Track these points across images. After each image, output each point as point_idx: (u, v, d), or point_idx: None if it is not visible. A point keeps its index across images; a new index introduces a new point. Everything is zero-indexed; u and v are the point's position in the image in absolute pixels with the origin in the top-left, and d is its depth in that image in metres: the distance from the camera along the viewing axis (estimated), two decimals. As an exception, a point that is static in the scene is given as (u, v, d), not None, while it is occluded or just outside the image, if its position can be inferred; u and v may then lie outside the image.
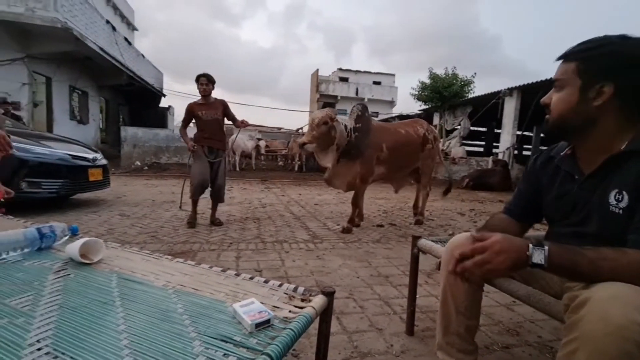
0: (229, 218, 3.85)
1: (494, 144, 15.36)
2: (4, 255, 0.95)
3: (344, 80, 27.07)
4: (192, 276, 0.88)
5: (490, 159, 10.55)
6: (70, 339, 0.58)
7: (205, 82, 3.33)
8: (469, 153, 13.05)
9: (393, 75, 28.84)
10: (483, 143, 18.85)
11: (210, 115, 3.36)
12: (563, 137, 0.93)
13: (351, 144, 3.20)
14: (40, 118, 9.30)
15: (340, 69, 27.86)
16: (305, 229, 3.47)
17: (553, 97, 0.86)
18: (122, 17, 15.91)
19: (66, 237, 1.12)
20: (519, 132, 10.40)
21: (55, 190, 3.69)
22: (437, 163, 4.17)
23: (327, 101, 25.19)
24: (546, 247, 0.71)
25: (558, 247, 0.72)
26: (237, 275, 0.89)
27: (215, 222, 3.49)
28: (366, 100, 26.30)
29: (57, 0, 7.77)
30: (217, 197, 3.51)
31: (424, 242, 1.36)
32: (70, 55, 9.27)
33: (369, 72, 28.15)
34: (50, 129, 9.26)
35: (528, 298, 0.90)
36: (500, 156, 10.43)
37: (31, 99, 8.70)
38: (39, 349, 0.54)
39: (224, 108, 3.43)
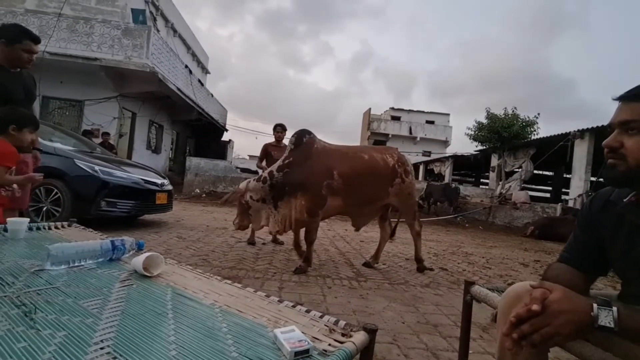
0: (274, 248, 3.93)
1: (563, 189, 13.97)
2: (82, 262, 1.08)
3: (395, 119, 27.22)
4: (238, 298, 0.91)
5: (558, 206, 9.55)
6: (128, 342, 0.63)
7: (280, 130, 4.27)
8: (533, 198, 11.96)
9: (447, 114, 28.36)
10: (549, 188, 17.23)
11: (279, 156, 3.89)
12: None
13: (278, 186, 2.84)
14: (123, 147, 10.68)
15: (392, 108, 28.18)
16: (349, 266, 3.39)
17: (627, 141, 0.76)
18: (198, 62, 18.16)
19: (133, 251, 1.24)
20: (593, 179, 9.37)
21: (127, 210, 4.13)
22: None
23: (378, 139, 25.36)
24: (614, 308, 0.62)
25: (629, 309, 0.63)
26: (280, 302, 0.90)
27: (277, 241, 4.18)
28: (418, 139, 25.98)
29: (149, 49, 9.19)
30: None
31: (478, 290, 1.25)
32: (153, 94, 10.72)
33: (422, 112, 28.02)
34: (129, 156, 10.55)
35: (606, 366, 0.77)
36: (571, 204, 9.40)
37: (118, 131, 10.10)
38: (101, 348, 0.60)
39: None
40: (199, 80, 14.49)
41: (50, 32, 8.83)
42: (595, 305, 0.63)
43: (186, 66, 12.54)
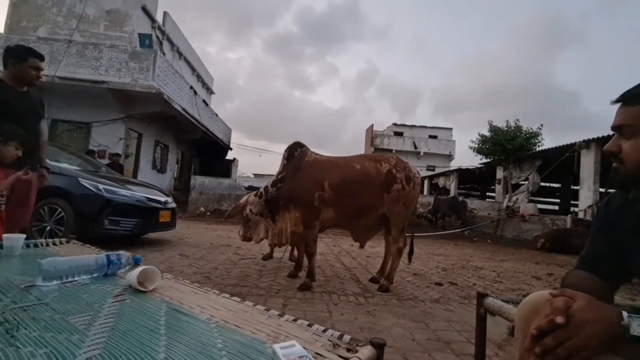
0: (279, 264, 3.84)
1: (572, 201, 13.75)
2: (76, 278, 1.04)
3: (398, 134, 27.34)
4: (236, 312, 0.86)
5: (568, 217, 9.35)
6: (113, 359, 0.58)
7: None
8: (541, 211, 11.75)
9: (450, 129, 28.44)
10: (557, 200, 16.99)
11: None
12: None
13: (273, 200, 2.92)
14: (128, 166, 10.78)
15: (394, 124, 28.33)
16: (355, 281, 3.29)
17: (625, 145, 0.74)
18: (203, 83, 18.57)
19: (129, 266, 1.20)
20: (602, 189, 9.19)
21: (131, 228, 4.09)
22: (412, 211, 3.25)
23: (381, 154, 25.40)
24: None
25: None
26: (280, 316, 0.85)
27: (291, 258, 4.00)
28: (422, 153, 25.98)
29: (155, 72, 9.42)
30: None
31: (492, 302, 1.18)
32: (158, 115, 10.89)
33: (425, 127, 28.13)
34: (135, 176, 10.63)
35: (639, 382, 0.70)
36: (580, 215, 9.20)
37: (124, 151, 10.21)
38: (84, 367, 0.55)
39: None
40: (204, 101, 14.76)
41: (61, 58, 9.11)
42: (625, 314, 0.57)
43: (191, 87, 12.80)
